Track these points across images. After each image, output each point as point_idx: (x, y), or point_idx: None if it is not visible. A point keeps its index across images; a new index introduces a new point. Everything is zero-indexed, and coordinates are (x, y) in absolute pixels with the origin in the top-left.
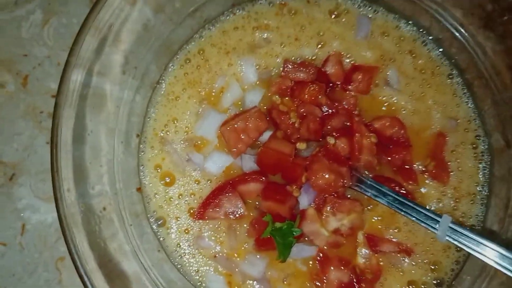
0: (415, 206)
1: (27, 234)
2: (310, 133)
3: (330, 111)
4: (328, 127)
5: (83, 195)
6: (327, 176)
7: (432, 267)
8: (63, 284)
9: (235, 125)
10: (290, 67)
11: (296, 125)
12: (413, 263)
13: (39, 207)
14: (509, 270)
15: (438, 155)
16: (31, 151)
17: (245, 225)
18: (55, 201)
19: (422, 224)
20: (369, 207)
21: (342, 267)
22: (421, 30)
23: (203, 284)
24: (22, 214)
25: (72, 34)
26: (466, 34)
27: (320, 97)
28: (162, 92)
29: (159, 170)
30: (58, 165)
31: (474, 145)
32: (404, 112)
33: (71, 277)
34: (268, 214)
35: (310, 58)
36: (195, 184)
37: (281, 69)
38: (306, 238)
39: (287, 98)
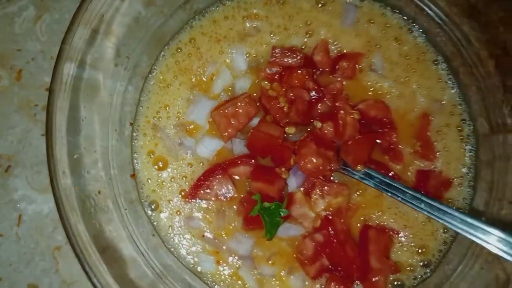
0: (400, 187)
1: (23, 225)
2: (298, 116)
3: (317, 95)
4: (318, 111)
5: (78, 178)
6: (315, 160)
7: (419, 250)
8: (60, 273)
9: (226, 110)
10: (278, 53)
11: (285, 109)
12: (400, 244)
13: (35, 198)
14: (494, 246)
15: (423, 135)
16: (26, 143)
17: (234, 207)
18: (51, 183)
19: (408, 204)
20: (358, 193)
21: None
22: (406, 18)
23: (195, 266)
24: (18, 205)
25: (65, 30)
26: (451, 24)
27: (307, 82)
28: (154, 81)
29: (152, 156)
30: (53, 148)
31: (459, 128)
32: (389, 96)
33: (68, 266)
34: (257, 193)
35: (299, 46)
36: (188, 167)
37: (270, 55)
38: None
39: (275, 83)
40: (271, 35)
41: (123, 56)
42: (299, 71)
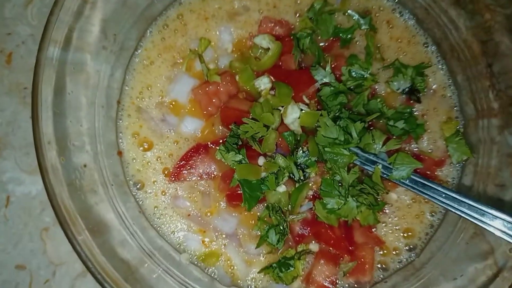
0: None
1: (11, 206)
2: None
3: (303, 65)
4: None
5: (63, 149)
6: None
7: (405, 234)
8: (48, 255)
9: (207, 89)
10: (268, 22)
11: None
12: (384, 225)
13: (23, 180)
14: (480, 220)
15: None
16: (15, 126)
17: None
18: (36, 154)
19: (395, 181)
20: None
21: None
22: (397, 1)
23: (181, 245)
24: (6, 187)
25: None
26: (438, 9)
27: (295, 51)
28: (139, 59)
29: (136, 137)
30: (38, 119)
31: (449, 112)
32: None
33: (56, 247)
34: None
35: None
36: (174, 145)
37: (259, 24)
38: None
39: None
40: (260, 13)
41: (110, 35)
42: (287, 39)
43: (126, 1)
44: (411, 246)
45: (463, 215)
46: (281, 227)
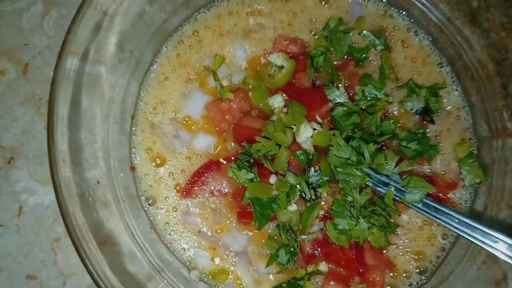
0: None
1: (24, 216)
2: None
3: (317, 83)
4: None
5: (77, 166)
6: None
7: (416, 257)
8: (58, 265)
9: (220, 106)
10: (283, 40)
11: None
12: (395, 246)
13: (36, 190)
14: (492, 247)
15: None
16: (29, 136)
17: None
18: (50, 170)
19: (408, 205)
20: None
21: None
22: (412, 20)
23: (191, 262)
24: (19, 197)
25: None
26: (452, 28)
27: (309, 69)
28: (154, 74)
29: (149, 153)
30: (54, 136)
31: (462, 132)
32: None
33: (66, 258)
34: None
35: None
36: (186, 161)
37: (274, 42)
38: None
39: None
40: (275, 30)
41: (126, 50)
42: (301, 58)
43: (143, 16)
44: (421, 269)
45: (476, 241)
46: (292, 247)
